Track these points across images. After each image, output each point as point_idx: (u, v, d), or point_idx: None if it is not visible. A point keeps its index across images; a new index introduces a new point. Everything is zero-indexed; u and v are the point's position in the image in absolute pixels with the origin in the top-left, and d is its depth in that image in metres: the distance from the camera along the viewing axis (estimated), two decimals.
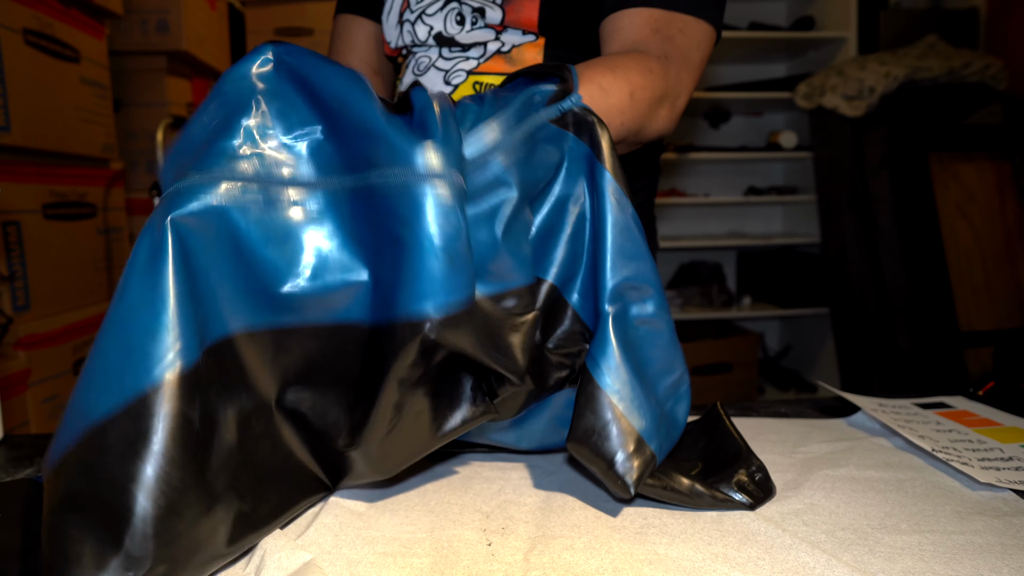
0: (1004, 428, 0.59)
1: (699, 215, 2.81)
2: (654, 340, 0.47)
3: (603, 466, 0.44)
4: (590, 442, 0.44)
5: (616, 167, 0.47)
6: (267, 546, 0.40)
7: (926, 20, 2.34)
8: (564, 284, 0.48)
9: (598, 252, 0.47)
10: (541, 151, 0.46)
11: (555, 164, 0.48)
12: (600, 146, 0.47)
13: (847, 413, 0.64)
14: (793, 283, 2.51)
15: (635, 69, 0.56)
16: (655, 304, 0.47)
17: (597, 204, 0.47)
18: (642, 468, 0.44)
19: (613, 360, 0.45)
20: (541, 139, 0.46)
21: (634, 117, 0.56)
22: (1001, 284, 2.08)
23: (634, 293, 0.47)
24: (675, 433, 0.49)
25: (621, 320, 0.46)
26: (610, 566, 0.39)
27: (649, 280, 0.47)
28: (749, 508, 0.46)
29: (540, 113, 0.46)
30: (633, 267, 0.47)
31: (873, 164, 2.16)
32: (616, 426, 0.44)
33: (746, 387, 2.49)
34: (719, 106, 2.68)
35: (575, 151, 0.48)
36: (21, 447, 0.58)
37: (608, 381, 0.45)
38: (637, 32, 0.62)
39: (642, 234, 0.47)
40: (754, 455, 0.49)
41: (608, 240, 0.46)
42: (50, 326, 1.34)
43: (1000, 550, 0.40)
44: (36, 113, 1.31)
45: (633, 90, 0.55)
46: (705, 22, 0.63)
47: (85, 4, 1.47)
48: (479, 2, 0.68)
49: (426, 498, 0.47)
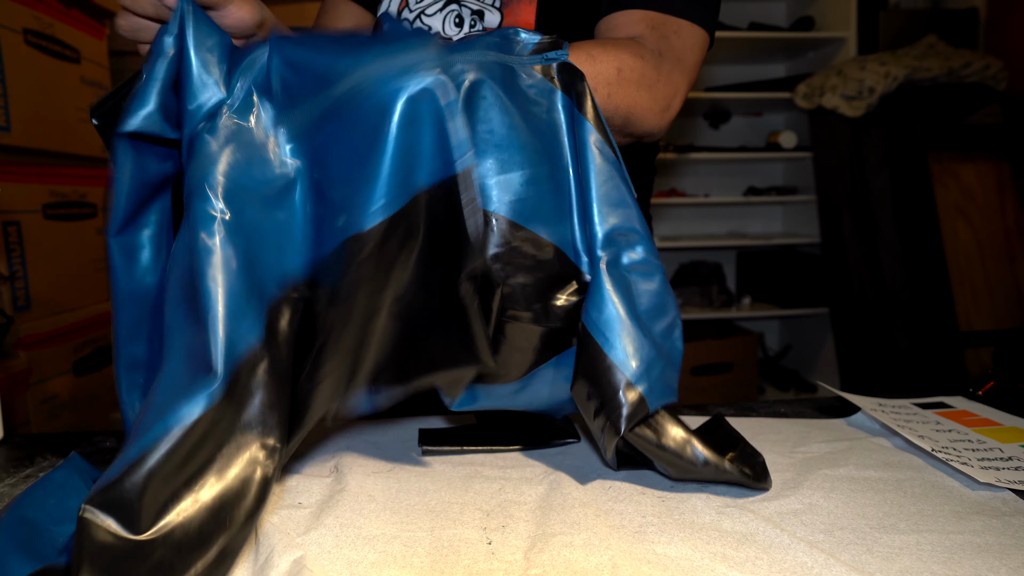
0: (1004, 428, 0.59)
1: (699, 215, 2.81)
2: (646, 283, 0.48)
3: (594, 408, 0.46)
4: (584, 388, 0.47)
5: (596, 118, 0.48)
6: (270, 544, 0.40)
7: (926, 20, 2.34)
8: (563, 243, 0.49)
9: (585, 201, 0.47)
10: (524, 95, 0.47)
11: (548, 113, 0.48)
12: (581, 96, 0.47)
13: (847, 413, 0.64)
14: (793, 283, 2.51)
15: (626, 50, 0.57)
16: (644, 248, 0.48)
17: (580, 154, 0.47)
18: (632, 408, 0.45)
19: (606, 308, 0.46)
20: (524, 84, 0.47)
21: (622, 95, 0.56)
22: (1001, 284, 2.08)
23: (623, 239, 0.48)
24: (671, 372, 0.49)
25: (614, 266, 0.47)
26: (609, 563, 0.39)
27: (636, 226, 0.48)
28: (742, 482, 0.46)
29: (525, 56, 0.47)
30: (620, 214, 0.48)
31: (873, 164, 2.16)
32: (608, 372, 0.46)
33: (746, 387, 2.49)
34: (719, 106, 2.68)
35: (563, 103, 0.48)
36: (21, 447, 0.58)
37: (599, 329, 0.46)
38: (631, 29, 0.62)
39: (625, 180, 0.48)
40: (755, 450, 0.50)
41: (593, 189, 0.47)
42: (50, 326, 1.34)
43: (998, 550, 0.41)
44: (36, 113, 1.31)
45: (621, 66, 0.55)
46: (700, 27, 0.64)
47: (85, 4, 1.48)
48: (478, 5, 0.68)
49: (426, 498, 0.48)
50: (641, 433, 0.46)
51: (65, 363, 1.38)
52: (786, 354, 2.79)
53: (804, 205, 2.60)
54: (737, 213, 2.82)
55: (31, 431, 1.25)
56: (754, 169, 2.79)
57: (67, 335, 1.39)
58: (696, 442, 0.47)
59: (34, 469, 0.53)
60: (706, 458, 0.46)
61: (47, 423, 1.29)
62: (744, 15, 2.66)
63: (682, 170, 2.73)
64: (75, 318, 1.42)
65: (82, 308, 1.46)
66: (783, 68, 2.78)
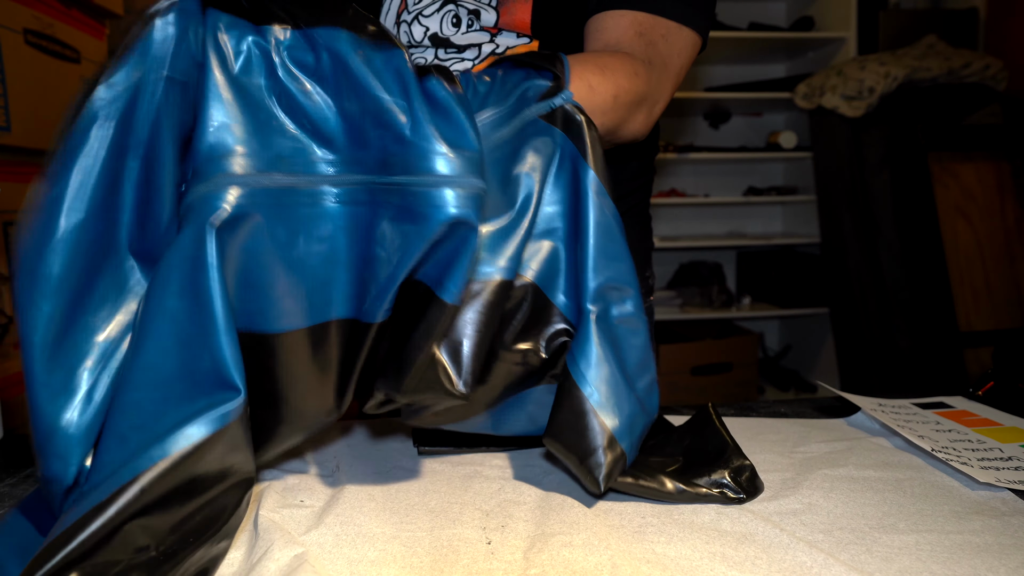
0: (1004, 428, 0.59)
1: (699, 215, 2.81)
2: (633, 339, 0.48)
3: (575, 461, 0.46)
4: (564, 438, 0.46)
5: (601, 166, 0.47)
6: (270, 541, 0.40)
7: (926, 20, 2.34)
8: (546, 283, 0.49)
9: (580, 252, 0.47)
10: (529, 146, 0.47)
11: (547, 159, 0.48)
12: (586, 144, 0.47)
13: (847, 413, 0.64)
14: (793, 283, 2.51)
15: (622, 71, 0.56)
16: (634, 304, 0.48)
17: (579, 203, 0.47)
18: (612, 465, 0.45)
19: (593, 359, 0.46)
20: (530, 134, 0.47)
21: (614, 118, 0.56)
22: (1001, 284, 2.08)
23: (615, 293, 0.47)
24: (648, 424, 0.49)
25: (603, 320, 0.47)
26: (608, 563, 0.39)
27: (628, 281, 0.48)
28: (729, 503, 0.46)
29: (531, 108, 0.47)
30: (614, 268, 0.47)
31: (873, 164, 2.16)
32: (590, 424, 0.45)
33: (746, 387, 2.49)
34: (719, 106, 2.68)
35: (563, 148, 0.48)
36: (21, 447, 0.58)
37: (587, 380, 0.46)
38: (620, 34, 0.62)
39: (622, 233, 0.48)
40: (741, 453, 0.50)
41: (591, 241, 0.47)
42: None
43: (997, 550, 0.41)
44: (36, 113, 1.31)
45: (618, 93, 0.55)
46: (689, 29, 0.63)
47: (85, 4, 1.48)
48: (474, 4, 0.68)
49: (426, 498, 0.48)
50: (620, 479, 0.47)
51: None
52: (786, 354, 2.79)
53: (804, 205, 2.60)
54: (737, 213, 2.82)
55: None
56: (754, 169, 2.79)
57: None
58: (669, 481, 0.47)
59: (33, 469, 0.53)
60: (681, 489, 0.47)
61: None
62: (744, 15, 2.66)
63: (682, 170, 2.73)
64: None
65: None
66: (783, 68, 2.78)
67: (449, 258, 0.40)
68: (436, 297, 0.41)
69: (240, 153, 0.38)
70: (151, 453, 0.36)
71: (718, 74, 2.74)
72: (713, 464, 0.48)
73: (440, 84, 0.41)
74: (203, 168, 0.38)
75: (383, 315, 0.42)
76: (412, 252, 0.39)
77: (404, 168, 0.39)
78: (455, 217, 0.38)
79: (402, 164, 0.39)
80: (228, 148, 0.38)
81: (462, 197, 0.38)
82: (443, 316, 0.41)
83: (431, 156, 0.38)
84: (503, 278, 0.44)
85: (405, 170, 0.39)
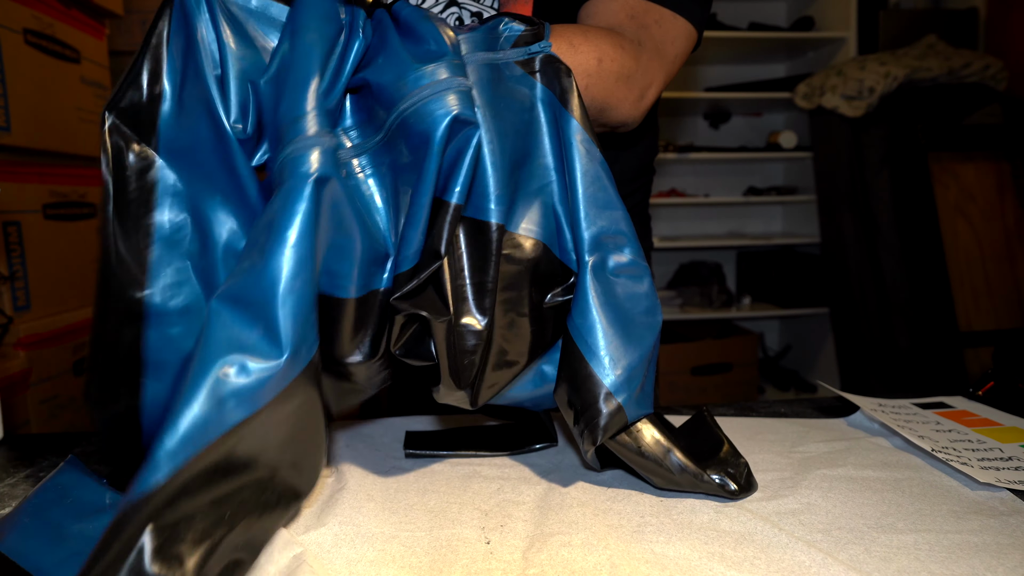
0: (1004, 428, 0.59)
1: (699, 215, 2.81)
2: (635, 286, 0.48)
3: (572, 416, 0.47)
4: (562, 393, 0.47)
5: (582, 115, 0.47)
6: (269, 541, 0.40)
7: (926, 20, 2.34)
8: (551, 240, 0.48)
9: (572, 203, 0.47)
10: (507, 89, 0.46)
11: (526, 109, 0.47)
12: (566, 92, 0.46)
13: (846, 413, 0.64)
14: (793, 283, 2.51)
15: (607, 39, 0.55)
16: (632, 251, 0.47)
17: (565, 153, 0.47)
18: (608, 419, 0.46)
19: (586, 312, 0.46)
20: (508, 78, 0.46)
21: (600, 87, 0.54)
22: (1001, 284, 2.08)
23: (611, 242, 0.47)
24: (650, 383, 0.49)
25: (600, 270, 0.47)
26: (607, 563, 0.39)
27: (623, 228, 0.47)
28: (725, 496, 0.46)
29: (507, 51, 0.46)
30: (607, 216, 0.47)
31: (873, 164, 2.16)
32: (585, 378, 0.46)
33: (746, 387, 2.49)
34: (719, 106, 2.68)
35: (542, 99, 0.47)
36: (21, 447, 0.58)
37: (580, 333, 0.46)
38: (611, 17, 0.61)
39: (612, 181, 0.47)
40: (737, 452, 0.50)
41: (580, 191, 0.46)
42: (50, 326, 1.34)
43: (996, 549, 0.41)
44: (36, 113, 1.31)
45: (602, 57, 0.54)
46: (683, 19, 0.62)
47: (85, 4, 1.48)
48: (477, 6, 0.68)
49: (425, 498, 0.48)
50: (621, 440, 0.47)
51: (65, 363, 1.38)
52: (786, 354, 2.79)
53: (804, 205, 2.60)
54: (737, 213, 2.82)
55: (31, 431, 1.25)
56: (754, 169, 2.79)
57: (67, 335, 1.39)
58: (675, 451, 0.47)
59: (34, 469, 0.53)
60: (683, 465, 0.46)
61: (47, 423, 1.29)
62: (744, 15, 2.66)
63: (682, 170, 2.73)
64: (75, 318, 1.42)
65: (82, 308, 1.46)
66: (783, 68, 2.78)
67: (453, 160, 0.42)
68: (442, 201, 0.42)
69: (312, 116, 0.40)
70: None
71: (718, 74, 2.74)
72: (709, 460, 0.48)
73: (403, 4, 0.44)
74: (287, 132, 0.39)
75: (413, 258, 0.42)
76: (428, 171, 0.41)
77: (393, 103, 0.41)
78: (454, 116, 0.40)
79: (391, 101, 0.42)
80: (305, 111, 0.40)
81: (455, 97, 0.41)
82: (444, 214, 0.42)
83: (411, 77, 0.41)
84: (497, 221, 0.45)
85: (395, 104, 0.41)
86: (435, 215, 0.42)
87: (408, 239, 0.42)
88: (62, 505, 0.43)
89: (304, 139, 0.38)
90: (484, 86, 0.45)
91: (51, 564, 0.37)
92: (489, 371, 0.46)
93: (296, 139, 0.38)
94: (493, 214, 0.45)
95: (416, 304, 0.42)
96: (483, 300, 0.45)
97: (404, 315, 0.42)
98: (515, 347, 0.47)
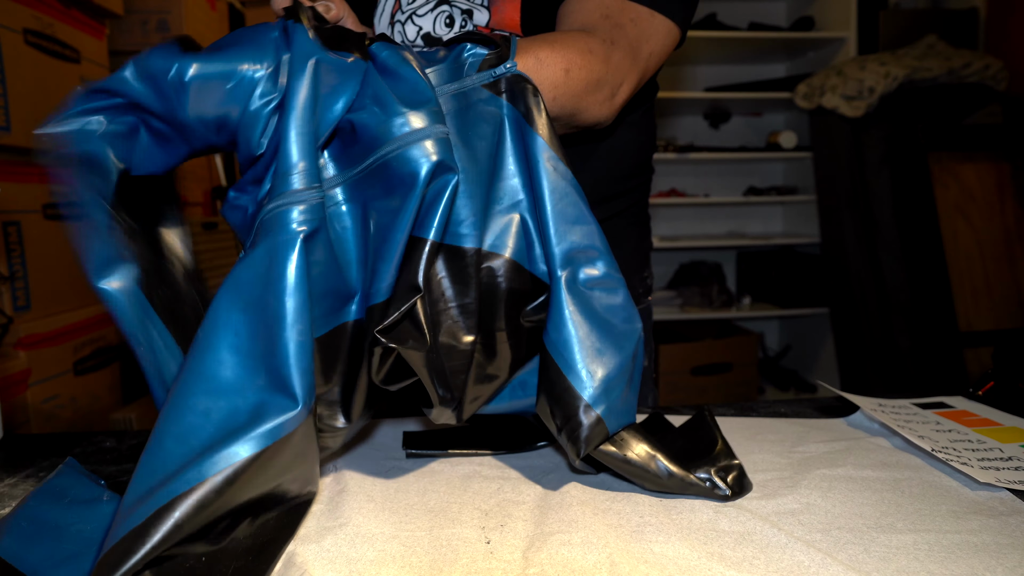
0: (1004, 428, 0.59)
1: (699, 215, 2.81)
2: (610, 298, 0.48)
3: (555, 428, 0.47)
4: (544, 406, 0.48)
5: (550, 132, 0.47)
6: None
7: (926, 20, 2.34)
8: (522, 257, 0.49)
9: (540, 219, 0.47)
10: (476, 113, 0.47)
11: (494, 131, 0.48)
12: (531, 111, 0.47)
13: (846, 413, 0.64)
14: (793, 283, 2.51)
15: (574, 47, 0.55)
16: (605, 264, 0.48)
17: (532, 171, 0.47)
18: (590, 432, 0.46)
19: (560, 325, 0.47)
20: (475, 102, 0.47)
21: (568, 96, 0.54)
22: (1001, 284, 2.08)
23: (582, 256, 0.47)
24: (631, 394, 0.50)
25: (573, 284, 0.47)
26: (607, 562, 0.39)
27: (594, 242, 0.48)
28: (715, 498, 0.46)
29: (473, 77, 0.47)
30: (578, 231, 0.47)
31: (873, 164, 2.16)
32: (563, 390, 0.46)
33: (746, 387, 2.49)
34: (719, 106, 2.68)
35: (508, 118, 0.48)
36: (21, 447, 0.58)
37: (555, 346, 0.47)
38: (586, 17, 0.60)
39: (581, 196, 0.48)
40: (731, 453, 0.50)
41: (548, 207, 0.47)
42: (50, 326, 1.34)
43: (995, 549, 0.41)
44: (36, 113, 1.31)
45: (569, 67, 0.54)
46: (662, 16, 0.61)
47: (85, 4, 1.48)
48: (467, 4, 0.68)
49: (425, 498, 0.48)
50: (605, 449, 0.47)
51: (65, 363, 1.38)
52: (786, 354, 2.79)
53: (804, 205, 2.60)
54: (737, 213, 2.82)
55: (31, 431, 1.25)
56: (754, 169, 2.79)
57: (67, 335, 1.39)
58: (661, 456, 0.47)
59: (33, 469, 0.53)
60: (670, 471, 0.47)
61: (47, 423, 1.29)
62: (744, 15, 2.66)
63: (682, 170, 2.73)
64: (75, 318, 1.42)
65: (82, 308, 1.46)
66: (783, 68, 2.78)
67: (431, 202, 0.43)
68: (417, 239, 0.43)
69: (301, 170, 0.41)
70: (187, 476, 0.36)
71: (718, 74, 2.74)
72: (700, 460, 0.49)
73: (383, 46, 0.45)
74: (278, 184, 0.41)
75: (386, 292, 0.43)
76: (407, 212, 0.42)
77: (376, 144, 0.43)
78: (436, 163, 0.42)
79: (373, 142, 0.43)
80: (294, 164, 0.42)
81: (436, 144, 0.42)
82: (420, 250, 0.43)
83: (396, 122, 0.42)
84: (472, 246, 0.47)
85: (378, 145, 0.43)
86: (411, 251, 0.44)
87: (380, 273, 0.43)
88: (60, 507, 0.43)
89: (292, 194, 0.41)
90: (453, 117, 0.46)
91: (48, 566, 0.37)
92: (471, 385, 0.47)
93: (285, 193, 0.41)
94: (468, 239, 0.46)
95: (393, 338, 0.44)
96: (469, 320, 0.46)
97: (382, 348, 0.43)
98: (495, 361, 0.48)
